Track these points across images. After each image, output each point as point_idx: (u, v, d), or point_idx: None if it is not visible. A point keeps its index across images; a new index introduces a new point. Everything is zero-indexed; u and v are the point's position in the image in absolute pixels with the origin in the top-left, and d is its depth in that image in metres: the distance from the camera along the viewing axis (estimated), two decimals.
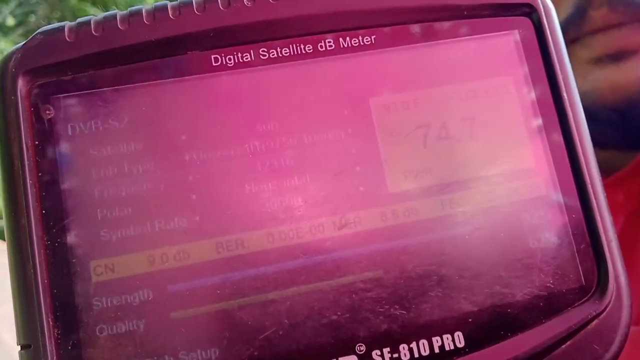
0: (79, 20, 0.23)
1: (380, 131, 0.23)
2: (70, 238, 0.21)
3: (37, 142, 0.21)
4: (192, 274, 0.21)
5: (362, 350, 0.21)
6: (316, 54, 0.23)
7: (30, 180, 0.21)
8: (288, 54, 0.23)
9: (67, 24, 0.22)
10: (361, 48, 0.23)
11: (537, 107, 0.24)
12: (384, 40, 0.24)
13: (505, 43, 0.24)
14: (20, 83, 0.21)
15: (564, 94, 0.24)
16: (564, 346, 0.22)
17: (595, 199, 0.23)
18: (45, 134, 0.21)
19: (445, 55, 0.24)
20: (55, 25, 0.23)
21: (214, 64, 0.23)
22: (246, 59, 0.23)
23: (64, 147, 0.21)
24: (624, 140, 0.46)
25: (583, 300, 0.22)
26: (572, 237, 0.23)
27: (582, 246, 0.23)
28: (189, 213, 0.21)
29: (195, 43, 0.23)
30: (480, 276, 0.22)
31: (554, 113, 0.24)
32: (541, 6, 0.24)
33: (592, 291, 0.23)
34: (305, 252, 0.22)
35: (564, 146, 0.23)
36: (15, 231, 0.20)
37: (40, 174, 0.21)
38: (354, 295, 0.21)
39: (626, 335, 0.22)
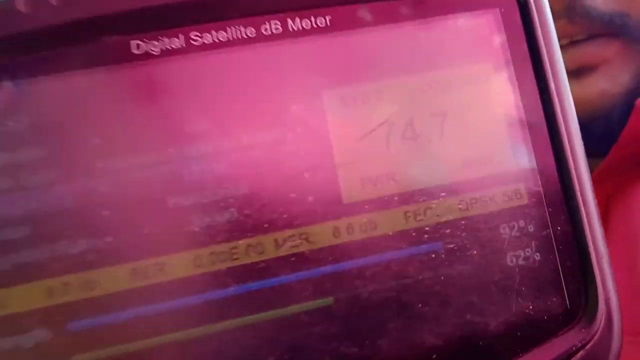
0: None
1: (334, 130, 0.14)
2: None
3: None
4: (99, 308, 0.13)
5: None
6: (259, 38, 0.14)
7: None
8: (226, 39, 0.14)
9: None
10: (313, 31, 0.14)
11: (519, 100, 0.15)
12: (340, 22, 0.15)
13: (484, 24, 0.15)
14: None
15: (552, 85, 0.15)
16: None
17: (585, 208, 0.14)
18: None
19: (412, 40, 0.15)
20: None
21: (134, 52, 0.14)
22: (174, 45, 0.14)
23: None
24: (587, 153, 0.37)
25: (568, 327, 0.14)
26: (557, 253, 0.14)
27: (568, 264, 0.14)
28: (100, 233, 0.13)
29: (112, 26, 0.14)
30: (449, 303, 0.14)
31: (539, 108, 0.15)
32: None
33: (578, 317, 0.14)
34: (238, 278, 0.13)
35: (550, 147, 0.15)
36: None
37: None
38: (296, 331, 0.13)
39: None
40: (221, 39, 0.14)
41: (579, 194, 0.14)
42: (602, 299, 0.14)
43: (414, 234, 0.14)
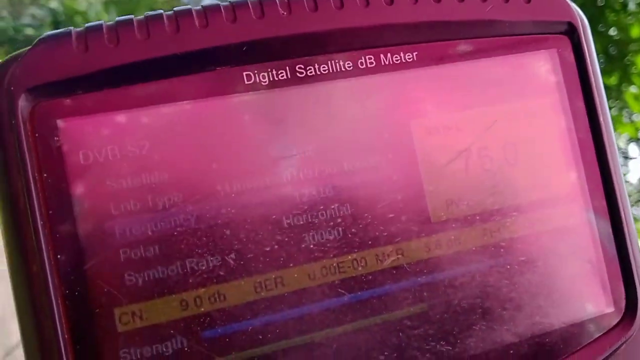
0: (88, 25, 0.16)
1: (421, 157, 0.17)
2: (91, 285, 0.14)
3: (45, 175, 0.14)
4: (229, 318, 0.15)
5: None
6: (356, 71, 0.17)
7: (40, 220, 0.14)
8: (326, 71, 0.17)
9: (74, 30, 0.15)
10: (403, 66, 0.17)
11: (574, 131, 0.18)
12: (425, 58, 0.17)
13: (544, 62, 0.19)
14: (21, 104, 0.14)
15: (601, 118, 0.18)
16: None
17: (627, 225, 0.18)
18: (54, 165, 0.14)
19: (486, 74, 0.18)
20: (60, 31, 0.15)
21: (246, 82, 0.16)
22: (282, 76, 0.16)
23: (77, 179, 0.15)
24: None
25: (613, 326, 0.18)
26: (604, 263, 0.18)
27: (613, 273, 0.18)
28: (223, 250, 0.15)
29: (225, 58, 0.16)
30: (522, 307, 0.17)
31: (590, 138, 0.18)
32: (580, 24, 0.19)
33: (621, 317, 0.18)
34: (349, 288, 0.16)
35: (598, 172, 0.18)
36: (25, 281, 0.14)
37: (50, 212, 0.14)
38: (400, 333, 0.16)
39: None
40: (323, 71, 0.17)
41: (623, 213, 0.18)
42: None
43: (492, 248, 0.17)
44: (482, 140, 0.18)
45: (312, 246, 0.16)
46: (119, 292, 0.14)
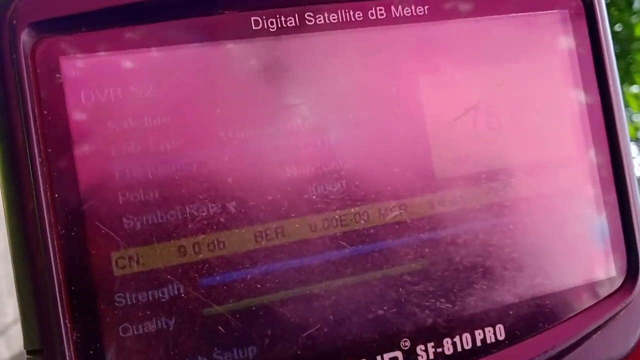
0: None
1: (429, 112, 0.17)
2: (88, 226, 0.14)
3: (45, 112, 0.14)
4: (228, 266, 0.15)
5: (407, 346, 0.16)
6: (366, 22, 0.17)
7: (38, 157, 0.14)
8: (336, 20, 0.16)
9: None
10: (413, 19, 0.17)
11: (583, 94, 0.18)
12: (437, 12, 0.17)
13: (556, 22, 0.18)
14: (24, 39, 0.14)
15: (610, 81, 0.18)
16: (595, 335, 0.18)
17: (632, 192, 0.18)
18: (55, 103, 0.14)
19: (496, 32, 0.18)
20: None
21: (254, 28, 0.16)
22: (290, 23, 0.16)
23: (78, 118, 0.14)
24: None
25: (614, 290, 0.18)
26: (608, 229, 0.18)
27: (616, 239, 0.18)
28: (225, 198, 0.15)
29: (235, 2, 0.16)
30: (524, 268, 0.17)
31: (598, 103, 0.18)
32: None
33: (622, 282, 0.18)
34: (351, 241, 0.16)
35: (605, 136, 0.18)
36: (20, 219, 0.14)
37: (49, 150, 0.14)
38: (400, 289, 0.16)
39: None
40: (332, 20, 0.16)
41: (627, 175, 0.18)
42: None
43: (496, 207, 0.17)
44: (490, 98, 0.17)
45: (314, 197, 0.16)
46: (116, 234, 0.14)
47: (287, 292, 0.15)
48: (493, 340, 0.17)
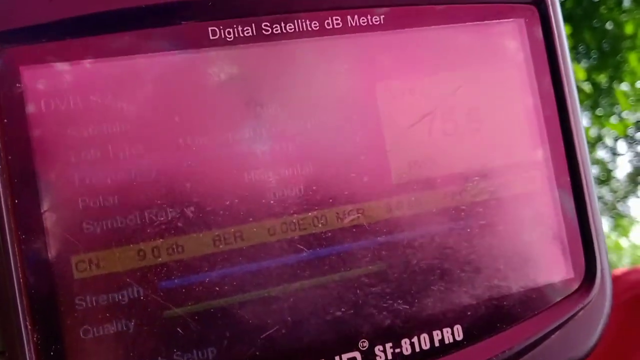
0: None
1: (385, 119, 0.18)
2: (48, 231, 0.15)
3: (5, 120, 0.15)
4: (186, 269, 0.16)
5: (365, 347, 0.17)
6: (323, 31, 0.17)
7: None
8: (292, 30, 0.17)
9: None
10: (369, 28, 0.18)
11: (539, 100, 0.19)
12: (392, 21, 0.18)
13: (512, 31, 0.19)
14: None
15: (566, 87, 0.19)
16: (553, 336, 0.18)
17: (589, 195, 0.19)
18: (15, 111, 0.15)
19: (452, 40, 0.19)
20: None
21: (211, 37, 0.17)
22: (247, 33, 0.17)
23: (38, 126, 0.15)
24: None
25: (573, 291, 0.19)
26: (565, 231, 0.19)
27: (574, 240, 0.19)
28: (183, 203, 0.16)
29: (192, 13, 0.16)
30: (481, 269, 0.18)
31: (554, 107, 0.19)
32: None
33: (580, 283, 0.19)
34: (308, 244, 0.17)
35: (562, 141, 0.19)
36: None
37: (9, 158, 0.15)
38: (358, 291, 0.17)
39: (607, 323, 0.19)
40: (289, 30, 0.17)
41: (584, 181, 0.19)
42: (599, 270, 0.19)
43: (453, 211, 0.18)
44: (447, 105, 0.18)
45: (272, 202, 0.16)
46: (76, 239, 0.15)
47: (246, 295, 0.16)
48: (451, 340, 0.17)
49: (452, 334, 0.17)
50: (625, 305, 0.41)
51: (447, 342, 0.17)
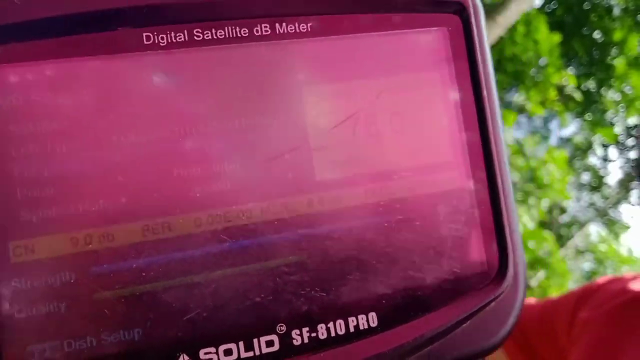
0: None
1: (310, 120, 0.19)
2: None
3: None
4: (116, 256, 0.17)
5: (283, 330, 0.18)
6: (252, 37, 0.19)
7: None
8: (223, 36, 0.19)
9: None
10: (297, 35, 0.20)
11: (458, 105, 0.21)
12: (319, 29, 0.20)
13: (434, 39, 0.21)
14: None
15: (485, 94, 0.21)
16: (465, 325, 0.20)
17: (504, 195, 0.21)
18: None
19: (377, 47, 0.20)
20: None
21: (145, 42, 0.18)
22: (179, 39, 0.19)
23: None
24: None
25: (485, 284, 0.21)
26: (480, 227, 0.21)
27: (488, 236, 0.21)
28: (115, 195, 0.18)
29: (127, 19, 0.18)
30: (396, 261, 0.20)
31: (473, 112, 0.21)
32: (471, 6, 0.21)
33: (493, 275, 0.21)
34: (232, 236, 0.18)
35: (479, 144, 0.21)
36: None
37: None
38: (277, 279, 0.18)
39: (519, 315, 0.21)
40: (219, 36, 0.19)
41: (500, 183, 0.20)
42: (512, 264, 0.20)
43: (372, 207, 0.19)
44: (370, 108, 0.20)
45: (199, 195, 0.18)
46: (13, 226, 0.17)
47: (170, 281, 0.18)
48: (366, 326, 0.19)
49: (367, 320, 0.19)
50: (608, 314, 0.42)
51: (361, 327, 0.19)
